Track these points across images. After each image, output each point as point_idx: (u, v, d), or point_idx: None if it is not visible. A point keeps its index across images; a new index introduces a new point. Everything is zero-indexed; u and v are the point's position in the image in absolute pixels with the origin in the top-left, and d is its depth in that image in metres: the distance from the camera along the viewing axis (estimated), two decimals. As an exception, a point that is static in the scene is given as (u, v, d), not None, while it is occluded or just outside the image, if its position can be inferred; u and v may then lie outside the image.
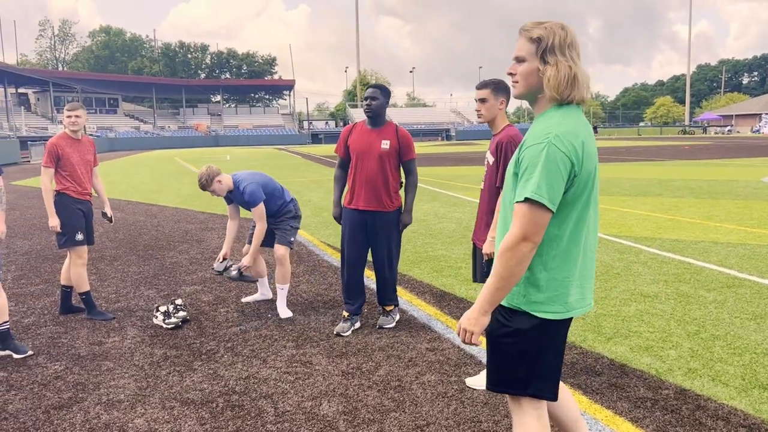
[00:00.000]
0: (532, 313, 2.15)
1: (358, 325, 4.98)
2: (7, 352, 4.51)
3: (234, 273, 5.83)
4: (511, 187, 2.16)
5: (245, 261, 5.39)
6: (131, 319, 5.38)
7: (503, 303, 2.19)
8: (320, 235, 9.34)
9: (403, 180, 4.97)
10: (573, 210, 2.11)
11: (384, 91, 4.83)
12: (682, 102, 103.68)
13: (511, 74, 2.20)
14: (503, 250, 2.05)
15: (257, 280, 5.91)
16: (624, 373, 3.96)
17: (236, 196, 5.38)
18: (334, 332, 4.87)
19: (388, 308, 5.02)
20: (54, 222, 5.26)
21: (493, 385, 2.30)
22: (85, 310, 5.50)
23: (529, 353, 2.19)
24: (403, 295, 5.89)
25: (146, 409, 3.62)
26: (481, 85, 3.83)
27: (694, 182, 16.23)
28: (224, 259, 5.47)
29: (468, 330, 2.14)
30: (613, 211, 11.05)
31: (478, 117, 3.87)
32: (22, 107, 66.51)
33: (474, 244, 4.05)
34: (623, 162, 25.73)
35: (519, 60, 2.16)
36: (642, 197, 13.12)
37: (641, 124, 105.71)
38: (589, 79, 2.15)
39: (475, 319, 2.13)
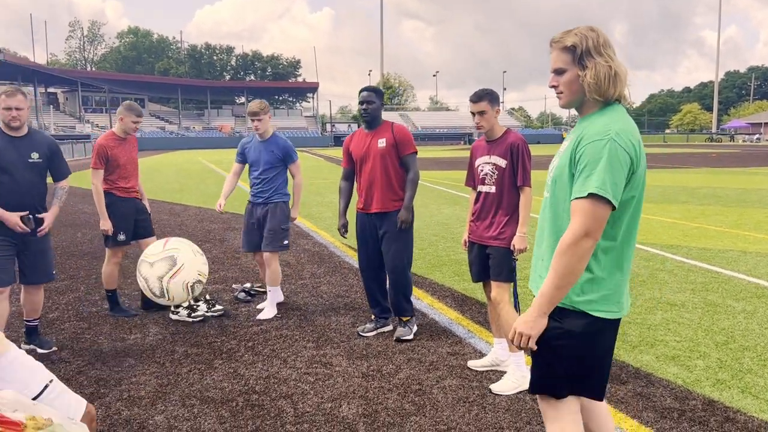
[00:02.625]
0: (587, 311, 2.12)
1: (386, 329, 4.92)
2: (32, 347, 4.56)
3: (241, 294, 5.93)
4: (564, 185, 2.15)
5: (293, 214, 5.59)
6: (153, 316, 5.41)
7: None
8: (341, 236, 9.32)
9: None
10: (628, 209, 2.11)
11: (378, 94, 4.83)
12: (710, 109, 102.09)
13: (554, 87, 2.21)
14: (564, 247, 2.03)
15: (266, 291, 5.93)
16: (650, 382, 3.87)
17: (270, 145, 5.45)
18: (357, 331, 4.86)
19: (405, 318, 4.82)
20: (106, 225, 5.25)
21: (539, 388, 2.25)
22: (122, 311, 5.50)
23: (582, 354, 2.16)
24: (424, 299, 5.84)
25: (166, 406, 3.62)
26: (478, 98, 3.93)
27: (722, 190, 15.94)
28: (220, 207, 5.74)
29: (525, 334, 2.10)
30: (638, 218, 10.87)
31: (478, 129, 4.00)
32: (51, 106, 67.78)
33: (473, 244, 4.09)
34: (648, 169, 25.30)
35: (558, 72, 2.18)
36: (667, 204, 12.92)
37: (667, 131, 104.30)
38: (627, 72, 2.16)
39: (533, 321, 2.09)
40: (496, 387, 3.79)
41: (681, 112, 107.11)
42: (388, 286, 4.88)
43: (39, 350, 4.53)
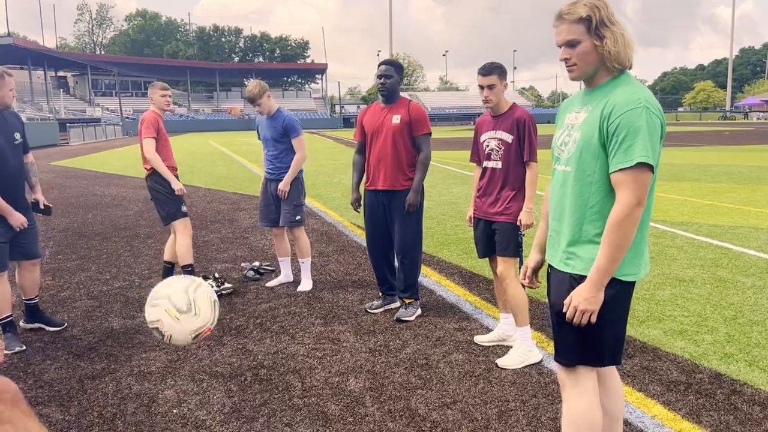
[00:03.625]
0: (614, 276, 2.13)
1: (393, 306, 4.93)
2: (36, 325, 4.60)
3: (250, 273, 5.98)
4: (591, 158, 2.14)
5: (281, 186, 5.41)
6: (163, 294, 5.45)
7: (581, 272, 2.18)
8: (350, 216, 9.35)
9: None
10: (653, 174, 2.11)
11: (397, 68, 4.71)
12: (724, 87, 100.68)
13: (566, 59, 2.18)
14: (620, 220, 2.04)
15: (274, 270, 5.97)
16: (657, 356, 3.87)
17: (275, 122, 5.42)
18: (364, 308, 4.89)
19: (408, 300, 4.75)
20: (179, 185, 5.25)
21: (568, 358, 2.27)
22: None
23: (610, 321, 2.18)
24: (432, 276, 5.86)
25: (176, 380, 3.67)
26: (488, 71, 3.87)
27: (735, 167, 15.78)
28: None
29: (588, 309, 2.13)
30: (648, 195, 10.79)
31: (486, 103, 3.92)
32: (61, 90, 67.94)
33: (479, 220, 4.07)
34: (660, 147, 25.09)
35: (571, 44, 2.15)
36: (678, 182, 12.81)
37: (680, 109, 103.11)
38: (632, 39, 2.17)
39: (594, 296, 2.12)
40: (502, 361, 3.81)
41: (694, 89, 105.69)
42: (396, 264, 4.88)
43: (48, 328, 4.58)
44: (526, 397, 3.37)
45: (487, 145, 3.97)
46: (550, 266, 2.39)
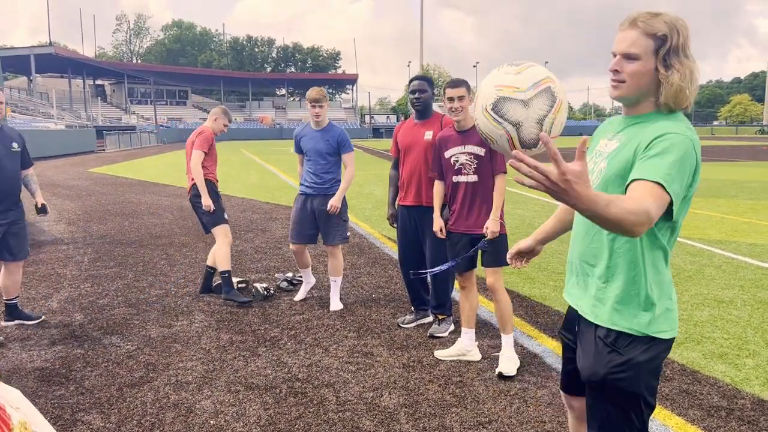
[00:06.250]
0: (650, 334, 1.89)
1: (426, 321, 4.92)
2: (16, 322, 4.92)
3: (283, 284, 6.04)
4: (619, 191, 1.83)
5: (334, 202, 5.23)
6: (199, 303, 5.54)
7: (613, 327, 1.91)
8: (381, 228, 9.37)
9: None
10: (679, 219, 1.86)
11: (430, 83, 4.80)
12: (761, 100, 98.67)
13: (615, 71, 1.86)
14: (629, 210, 1.56)
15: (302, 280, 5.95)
16: (696, 380, 3.80)
17: (327, 134, 5.34)
18: (396, 323, 4.89)
19: (441, 317, 4.75)
20: (208, 202, 5.48)
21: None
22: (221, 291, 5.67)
23: (645, 385, 1.91)
24: (465, 291, 5.83)
25: (212, 391, 3.72)
26: (456, 84, 4.02)
27: (773, 184, 15.41)
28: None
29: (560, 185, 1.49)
30: (684, 212, 10.61)
31: (456, 114, 4.01)
32: (99, 98, 69.59)
33: (462, 234, 4.15)
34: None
35: (630, 57, 1.82)
36: (715, 198, 12.56)
37: (715, 123, 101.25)
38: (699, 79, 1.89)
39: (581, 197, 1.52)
40: (505, 369, 3.88)
41: (730, 103, 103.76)
42: (428, 280, 4.87)
43: (27, 322, 4.91)
44: (563, 419, 3.33)
45: (456, 160, 4.07)
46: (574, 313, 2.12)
